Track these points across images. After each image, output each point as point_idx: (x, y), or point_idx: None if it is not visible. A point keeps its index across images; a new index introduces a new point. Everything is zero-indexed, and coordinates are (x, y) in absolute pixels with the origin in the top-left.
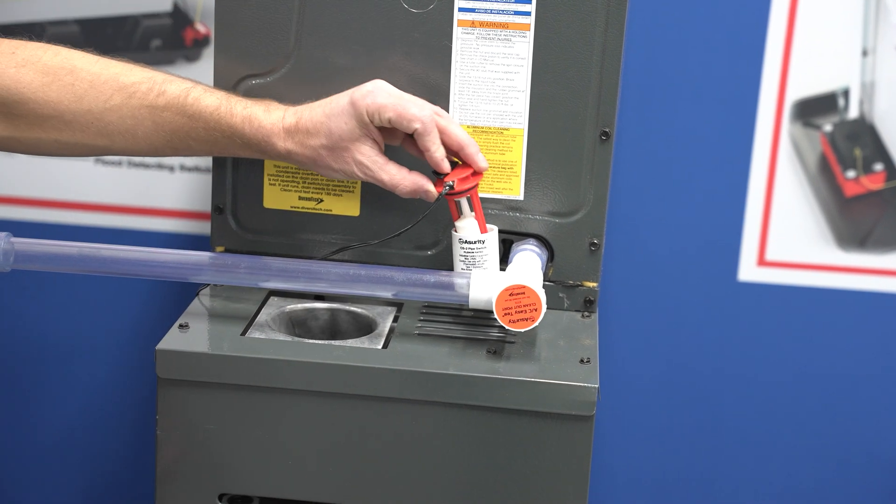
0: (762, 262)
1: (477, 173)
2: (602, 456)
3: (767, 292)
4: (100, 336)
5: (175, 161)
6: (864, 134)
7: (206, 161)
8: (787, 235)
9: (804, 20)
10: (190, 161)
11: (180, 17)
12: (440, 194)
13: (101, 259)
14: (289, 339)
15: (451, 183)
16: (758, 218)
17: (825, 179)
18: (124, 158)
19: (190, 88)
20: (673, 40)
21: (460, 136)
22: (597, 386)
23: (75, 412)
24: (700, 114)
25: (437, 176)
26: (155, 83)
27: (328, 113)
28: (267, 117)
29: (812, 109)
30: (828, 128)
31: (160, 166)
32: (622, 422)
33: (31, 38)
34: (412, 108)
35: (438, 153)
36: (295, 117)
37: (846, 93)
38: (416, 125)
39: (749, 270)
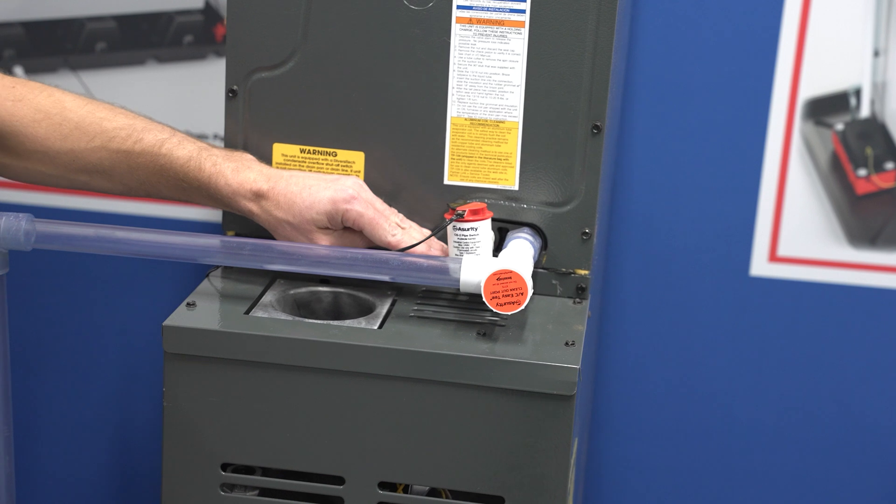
0: (774, 257)
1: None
2: (613, 450)
3: (779, 287)
4: (117, 315)
5: None
6: (875, 133)
7: None
8: (798, 232)
9: (817, 20)
10: None
11: (211, 14)
12: (448, 221)
13: (116, 240)
14: (289, 318)
15: (461, 212)
16: (770, 214)
17: (837, 177)
18: None
19: (165, 140)
20: (686, 39)
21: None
22: (578, 367)
23: (94, 386)
24: (713, 111)
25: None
26: (134, 130)
27: (306, 201)
28: (234, 176)
29: (824, 108)
30: (839, 126)
31: None
32: (633, 416)
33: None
34: (382, 231)
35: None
36: (268, 184)
37: (858, 92)
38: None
39: (761, 266)
